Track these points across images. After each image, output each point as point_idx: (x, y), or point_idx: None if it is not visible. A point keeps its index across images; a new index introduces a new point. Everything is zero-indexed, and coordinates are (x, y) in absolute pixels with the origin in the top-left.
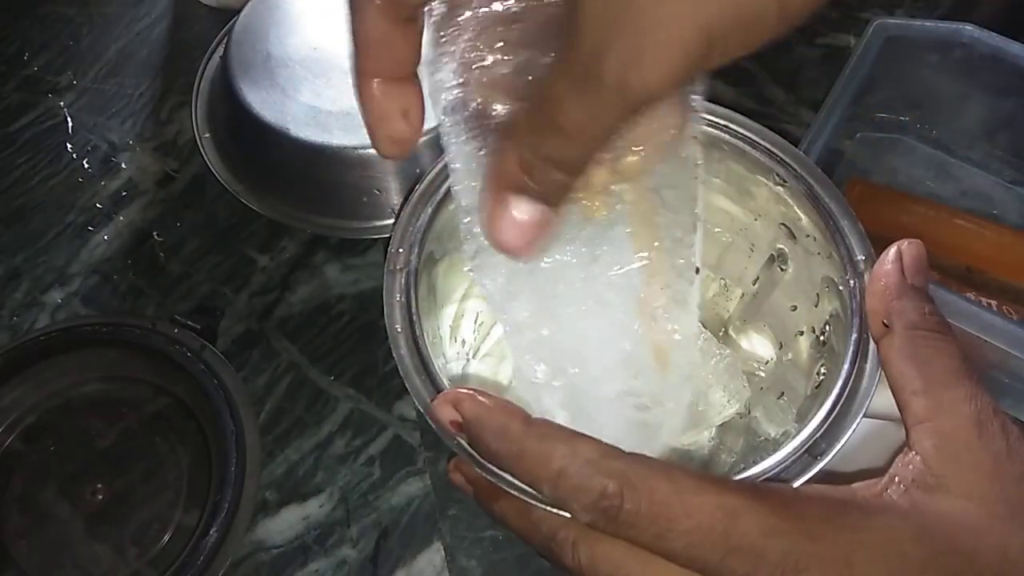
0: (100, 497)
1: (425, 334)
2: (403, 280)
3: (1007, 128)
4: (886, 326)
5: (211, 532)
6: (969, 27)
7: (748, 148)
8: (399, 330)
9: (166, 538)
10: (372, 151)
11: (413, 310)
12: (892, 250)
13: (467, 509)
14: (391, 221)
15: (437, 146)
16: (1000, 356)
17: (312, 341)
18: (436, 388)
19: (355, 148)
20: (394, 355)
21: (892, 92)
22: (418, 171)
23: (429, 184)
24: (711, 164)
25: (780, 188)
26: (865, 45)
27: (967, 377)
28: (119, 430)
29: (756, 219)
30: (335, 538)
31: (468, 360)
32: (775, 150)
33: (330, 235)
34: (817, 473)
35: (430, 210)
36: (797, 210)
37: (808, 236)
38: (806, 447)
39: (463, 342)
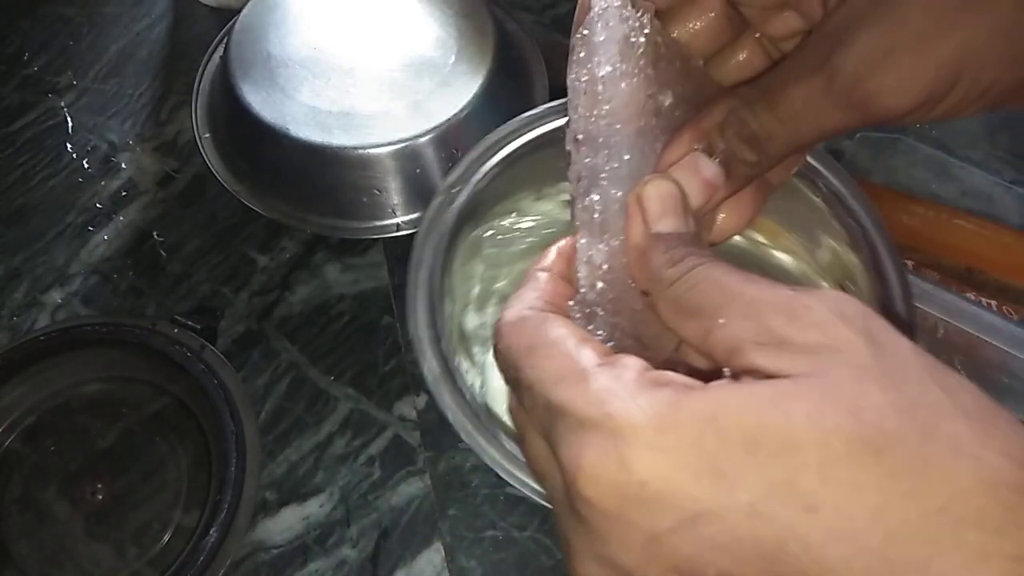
0: (100, 497)
1: (446, 275)
2: (447, 207)
3: (1007, 128)
4: (646, 294)
5: (211, 532)
6: None
7: (815, 196)
8: (423, 259)
9: (166, 538)
10: (372, 151)
11: (445, 245)
12: (630, 202)
13: (467, 509)
14: (391, 221)
15: (438, 145)
16: (1000, 356)
17: (312, 341)
18: (434, 324)
19: (355, 148)
20: (408, 279)
21: None
22: (418, 171)
23: (504, 137)
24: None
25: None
26: None
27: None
28: (119, 430)
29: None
30: (335, 538)
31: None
32: (844, 192)
33: (330, 235)
34: None
35: (497, 158)
36: (853, 258)
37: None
38: None
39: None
